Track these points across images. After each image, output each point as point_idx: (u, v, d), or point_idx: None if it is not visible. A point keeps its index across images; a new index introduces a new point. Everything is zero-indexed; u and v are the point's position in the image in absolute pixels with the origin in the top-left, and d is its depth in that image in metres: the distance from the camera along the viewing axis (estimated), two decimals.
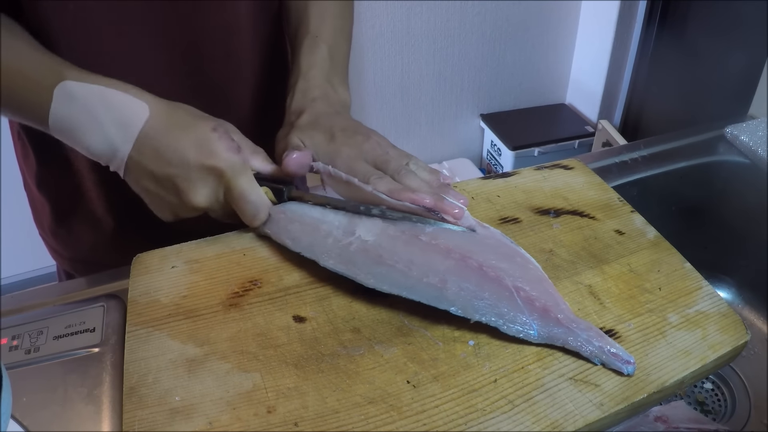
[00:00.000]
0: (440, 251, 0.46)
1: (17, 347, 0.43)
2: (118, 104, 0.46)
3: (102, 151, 0.47)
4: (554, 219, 0.54)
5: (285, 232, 0.49)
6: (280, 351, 0.41)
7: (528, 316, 0.42)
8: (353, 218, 0.49)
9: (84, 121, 0.46)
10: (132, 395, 0.38)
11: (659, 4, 1.66)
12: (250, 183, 0.48)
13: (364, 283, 0.44)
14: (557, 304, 0.43)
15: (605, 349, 0.40)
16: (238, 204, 0.48)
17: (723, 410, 0.70)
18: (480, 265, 0.44)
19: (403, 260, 0.45)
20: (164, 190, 0.48)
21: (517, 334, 0.41)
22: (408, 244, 0.46)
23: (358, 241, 0.47)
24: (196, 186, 0.47)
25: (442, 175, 0.53)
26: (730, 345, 0.43)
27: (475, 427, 0.37)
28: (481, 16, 1.81)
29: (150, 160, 0.47)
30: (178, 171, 0.47)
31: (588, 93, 1.97)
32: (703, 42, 1.57)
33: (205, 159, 0.47)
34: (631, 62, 1.80)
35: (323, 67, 0.58)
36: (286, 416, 0.37)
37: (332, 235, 0.48)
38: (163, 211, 0.50)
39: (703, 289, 0.48)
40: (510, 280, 0.44)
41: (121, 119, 0.46)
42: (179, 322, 0.43)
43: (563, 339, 0.41)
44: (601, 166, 0.74)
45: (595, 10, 1.85)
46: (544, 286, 0.44)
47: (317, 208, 0.51)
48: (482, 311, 0.42)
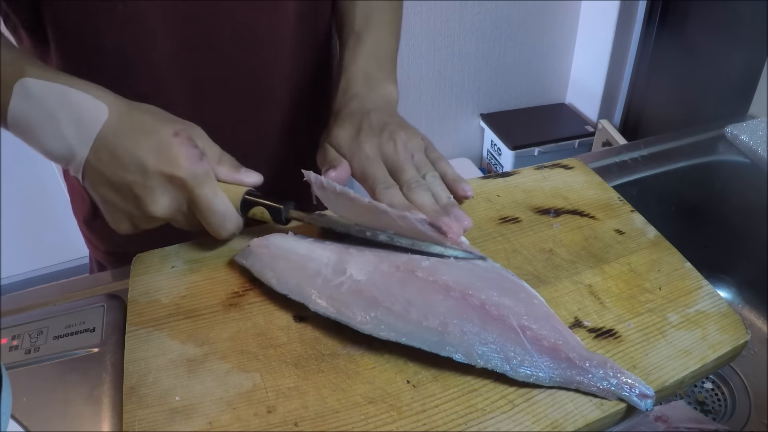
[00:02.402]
0: (439, 289, 0.42)
1: (17, 347, 0.43)
2: (77, 103, 0.44)
3: (59, 153, 0.44)
4: (554, 219, 0.54)
5: (269, 270, 0.45)
6: (280, 351, 0.41)
7: (537, 358, 0.39)
8: (343, 254, 0.45)
9: (41, 120, 0.43)
10: (132, 395, 0.38)
11: (659, 4, 1.66)
12: (215, 192, 0.45)
13: (360, 329, 0.41)
14: (567, 342, 0.40)
15: (623, 385, 0.38)
16: (202, 215, 0.45)
17: (723, 410, 0.70)
18: (482, 303, 0.41)
19: (400, 301, 0.41)
20: (122, 199, 0.45)
21: (527, 379, 0.39)
22: (404, 282, 0.43)
23: (350, 281, 0.43)
24: (155, 194, 0.44)
25: (462, 187, 0.52)
26: (730, 345, 0.43)
27: (475, 427, 0.37)
28: (481, 16, 1.81)
29: (106, 165, 0.44)
30: (136, 178, 0.43)
31: (588, 93, 1.97)
32: (703, 42, 1.57)
33: (165, 166, 0.43)
34: (631, 62, 1.80)
35: (365, 62, 0.57)
36: (286, 416, 0.37)
37: (321, 274, 0.44)
38: (119, 221, 0.46)
39: (703, 288, 0.48)
40: (515, 319, 0.41)
41: (78, 119, 0.43)
42: (179, 322, 0.43)
43: (577, 381, 0.39)
44: (601, 166, 0.74)
45: (595, 10, 1.85)
46: (551, 322, 0.41)
47: (304, 241, 0.47)
48: (487, 357, 0.39)
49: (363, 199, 0.46)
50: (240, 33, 0.56)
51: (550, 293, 0.46)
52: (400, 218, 0.45)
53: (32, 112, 0.43)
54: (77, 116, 0.43)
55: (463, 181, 0.53)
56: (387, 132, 0.51)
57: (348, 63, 0.57)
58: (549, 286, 0.47)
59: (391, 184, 0.49)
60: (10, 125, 0.44)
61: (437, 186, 0.50)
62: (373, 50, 0.57)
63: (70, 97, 0.44)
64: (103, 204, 0.46)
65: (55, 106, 0.43)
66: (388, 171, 0.50)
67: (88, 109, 0.44)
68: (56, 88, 0.44)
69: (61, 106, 0.43)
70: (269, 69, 0.59)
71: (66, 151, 0.44)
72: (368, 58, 0.57)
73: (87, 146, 0.44)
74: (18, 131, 0.45)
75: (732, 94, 1.28)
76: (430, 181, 0.50)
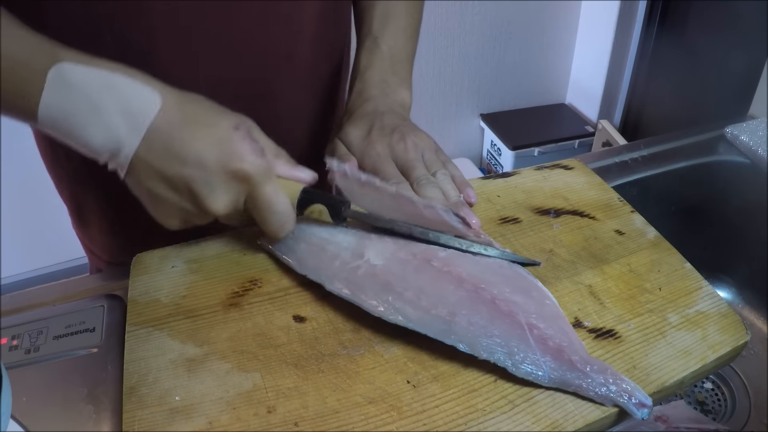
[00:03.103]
0: (452, 280, 0.43)
1: (17, 347, 0.43)
2: (125, 91, 0.40)
3: (103, 147, 0.41)
4: (554, 219, 0.54)
5: (291, 252, 0.47)
6: (280, 351, 0.41)
7: (540, 357, 0.39)
8: (363, 239, 0.47)
9: (83, 110, 0.39)
10: (132, 395, 0.38)
11: (659, 4, 1.66)
12: (276, 191, 0.43)
13: (371, 312, 0.41)
14: (572, 344, 0.40)
15: (622, 393, 0.38)
16: (263, 215, 0.44)
17: (723, 410, 0.70)
18: (493, 297, 0.42)
19: (413, 288, 0.42)
20: (175, 194, 0.42)
21: (527, 376, 0.39)
22: (419, 270, 0.44)
23: (367, 265, 0.44)
24: (216, 191, 0.42)
25: (467, 192, 0.52)
26: (730, 345, 0.43)
27: (475, 427, 0.37)
28: (481, 16, 1.81)
29: (160, 158, 0.41)
30: (195, 173, 0.41)
31: (588, 93, 1.97)
32: (703, 42, 1.57)
33: (229, 162, 0.41)
34: (631, 62, 1.80)
35: (381, 67, 0.57)
36: (286, 416, 0.37)
37: (339, 257, 0.45)
38: (170, 217, 0.44)
39: (703, 289, 0.48)
40: (524, 316, 0.41)
41: (127, 109, 0.40)
42: (179, 321, 0.43)
43: (576, 384, 0.38)
44: (601, 166, 0.74)
45: (595, 10, 1.85)
46: (560, 324, 0.41)
47: (327, 228, 0.48)
48: (491, 350, 0.39)
49: (390, 188, 0.45)
50: (258, 29, 0.55)
51: (551, 293, 0.46)
52: (426, 207, 0.45)
53: (71, 102, 0.39)
54: (126, 106, 0.40)
55: (469, 187, 0.53)
56: (398, 133, 0.51)
57: (364, 68, 0.57)
58: (549, 287, 0.46)
59: (401, 180, 0.49)
60: (41, 118, 0.40)
61: (447, 184, 0.51)
62: (389, 55, 0.58)
63: (116, 85, 0.40)
64: (151, 199, 0.43)
65: (99, 95, 0.40)
66: (398, 169, 0.51)
67: (137, 97, 0.40)
68: (100, 75, 0.40)
69: (107, 95, 0.40)
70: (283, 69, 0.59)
71: (112, 143, 0.40)
72: (383, 63, 0.57)
73: (137, 138, 0.40)
74: (51, 125, 0.41)
75: (732, 95, 1.28)
76: (440, 179, 0.50)
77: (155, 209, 0.44)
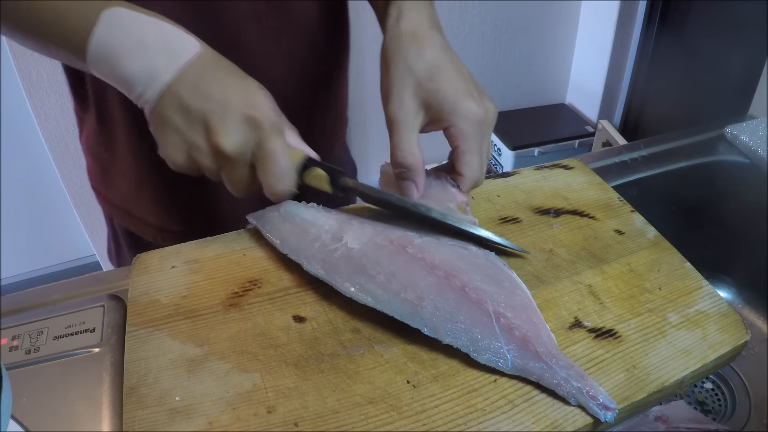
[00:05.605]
0: (425, 266, 0.44)
1: (17, 347, 0.43)
2: (170, 34, 0.45)
3: (139, 77, 0.44)
4: (554, 219, 0.54)
5: (276, 232, 0.48)
6: (280, 351, 0.41)
7: (504, 345, 0.40)
8: (344, 224, 0.48)
9: (129, 46, 0.44)
10: (132, 395, 0.38)
11: (659, 4, 1.66)
12: (283, 147, 0.46)
13: (343, 291, 0.43)
14: (538, 336, 0.40)
15: (584, 390, 0.38)
16: (266, 163, 0.46)
17: (723, 410, 0.70)
18: (463, 285, 0.43)
19: (385, 272, 0.44)
20: (191, 126, 0.45)
21: (488, 363, 0.39)
22: (393, 255, 0.45)
23: (344, 248, 0.46)
24: (230, 129, 0.44)
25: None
26: (730, 345, 0.43)
27: (475, 427, 0.37)
28: (481, 16, 1.81)
29: (188, 91, 0.44)
30: (215, 108, 0.44)
31: (588, 93, 1.97)
32: (703, 42, 1.57)
33: (248, 108, 0.45)
34: (631, 62, 1.80)
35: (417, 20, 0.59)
36: (286, 416, 0.37)
37: (320, 239, 0.47)
38: (177, 151, 0.46)
39: (703, 288, 0.48)
40: (492, 305, 0.42)
41: (169, 48, 0.45)
42: (179, 322, 0.43)
43: (538, 374, 0.39)
44: (601, 166, 0.74)
45: (595, 10, 1.85)
46: (529, 314, 0.42)
47: (312, 209, 0.50)
48: (455, 335, 0.40)
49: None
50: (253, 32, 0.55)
51: (550, 293, 0.46)
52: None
53: (121, 39, 0.44)
54: (168, 46, 0.45)
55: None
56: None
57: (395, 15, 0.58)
58: (549, 286, 0.47)
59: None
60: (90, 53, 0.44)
61: None
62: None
63: (163, 29, 0.45)
64: (166, 131, 0.46)
65: (146, 34, 0.44)
66: None
67: (179, 40, 0.45)
68: (148, 19, 0.45)
69: (153, 35, 0.44)
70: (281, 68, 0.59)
71: (148, 74, 0.44)
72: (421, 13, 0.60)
73: (172, 71, 0.44)
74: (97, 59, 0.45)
75: (732, 94, 1.28)
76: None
77: (166, 142, 0.46)
